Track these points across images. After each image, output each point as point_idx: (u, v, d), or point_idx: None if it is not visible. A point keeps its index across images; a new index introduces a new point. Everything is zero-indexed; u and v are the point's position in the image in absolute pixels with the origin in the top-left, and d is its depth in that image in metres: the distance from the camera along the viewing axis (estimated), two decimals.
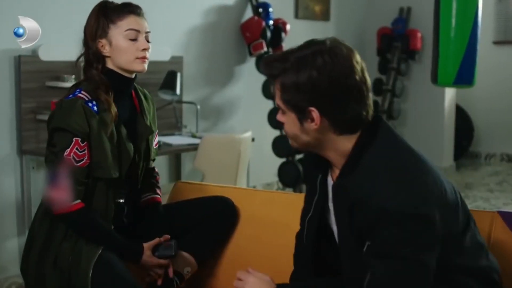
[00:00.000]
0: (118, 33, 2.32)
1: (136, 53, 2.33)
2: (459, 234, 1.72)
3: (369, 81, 1.67)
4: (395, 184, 1.59)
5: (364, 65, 1.67)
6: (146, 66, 2.37)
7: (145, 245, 2.36)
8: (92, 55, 2.33)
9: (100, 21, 2.32)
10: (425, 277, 1.61)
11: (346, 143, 1.68)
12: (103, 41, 2.32)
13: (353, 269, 1.71)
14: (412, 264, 1.58)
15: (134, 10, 2.34)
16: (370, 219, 1.59)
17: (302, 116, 1.65)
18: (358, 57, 1.66)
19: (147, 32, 2.36)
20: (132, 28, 2.32)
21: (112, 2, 2.37)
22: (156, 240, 2.38)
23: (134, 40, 2.32)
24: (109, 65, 2.35)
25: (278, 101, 1.69)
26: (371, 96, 1.68)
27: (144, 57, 2.35)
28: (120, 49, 2.32)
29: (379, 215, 1.57)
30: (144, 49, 2.34)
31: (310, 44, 1.66)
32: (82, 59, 2.39)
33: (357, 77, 1.63)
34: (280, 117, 1.72)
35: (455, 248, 1.71)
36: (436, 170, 1.68)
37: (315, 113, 1.64)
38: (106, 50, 2.33)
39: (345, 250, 1.75)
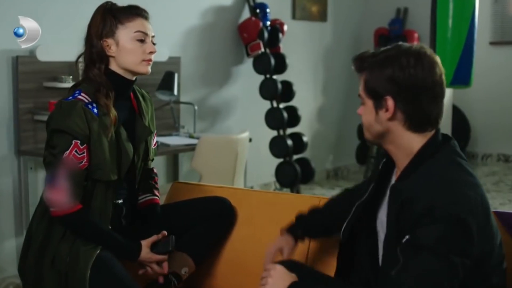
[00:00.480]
0: (127, 34, 2.33)
1: (143, 56, 2.34)
2: (494, 266, 1.78)
3: (445, 86, 1.82)
4: (447, 191, 1.69)
5: (443, 71, 1.82)
6: (150, 68, 2.39)
7: (143, 242, 2.36)
8: (96, 54, 2.33)
9: (108, 20, 2.32)
10: (452, 279, 1.65)
11: (411, 140, 1.81)
12: (109, 40, 2.33)
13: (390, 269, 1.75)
14: (444, 263, 1.64)
15: (142, 14, 2.37)
16: (416, 213, 1.68)
17: (378, 104, 1.80)
18: (439, 63, 1.82)
19: (153, 36, 2.38)
20: (141, 30, 2.34)
21: (115, 4, 2.38)
22: (154, 237, 2.38)
23: (141, 42, 2.34)
24: (112, 66, 2.35)
25: (361, 92, 1.85)
26: (444, 102, 1.83)
27: (150, 60, 2.37)
28: (128, 50, 2.33)
29: (425, 211, 1.66)
30: (151, 52, 2.35)
31: (399, 46, 1.83)
32: (81, 59, 2.39)
33: (435, 80, 1.79)
34: (360, 110, 1.87)
35: (483, 279, 1.76)
36: (488, 203, 1.78)
37: (390, 102, 1.77)
38: (111, 50, 2.33)
39: (388, 248, 1.80)
